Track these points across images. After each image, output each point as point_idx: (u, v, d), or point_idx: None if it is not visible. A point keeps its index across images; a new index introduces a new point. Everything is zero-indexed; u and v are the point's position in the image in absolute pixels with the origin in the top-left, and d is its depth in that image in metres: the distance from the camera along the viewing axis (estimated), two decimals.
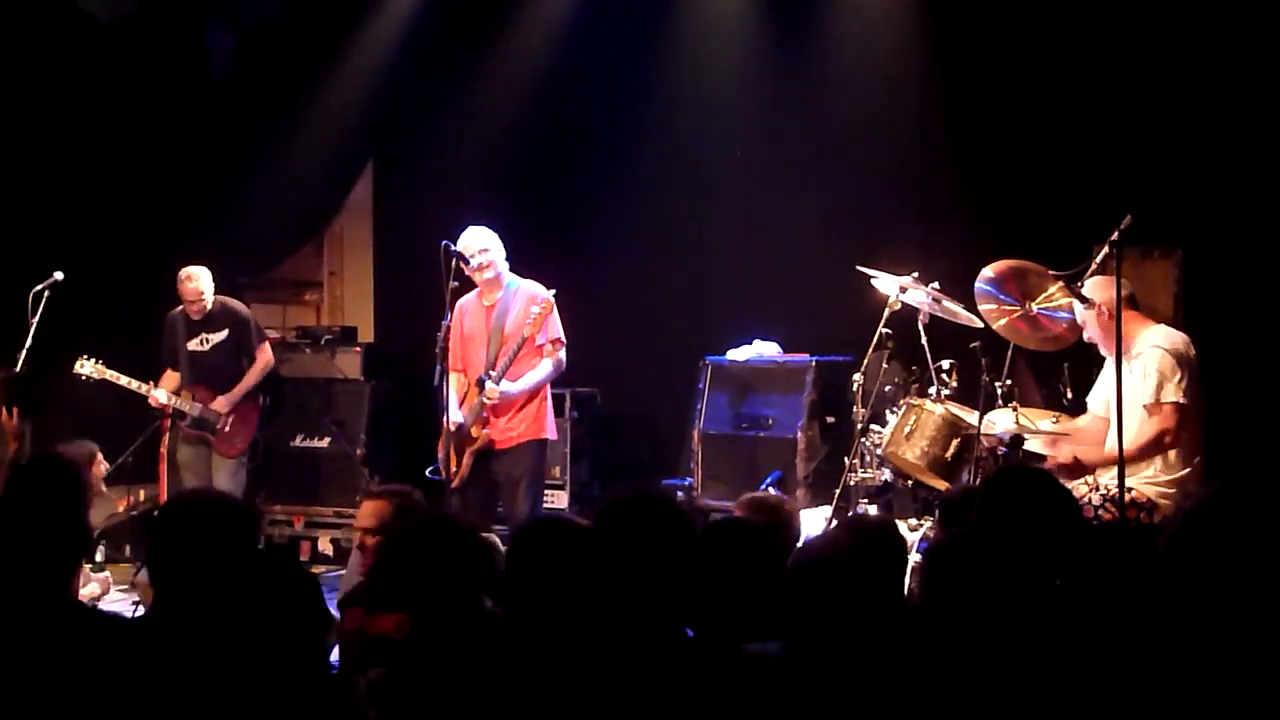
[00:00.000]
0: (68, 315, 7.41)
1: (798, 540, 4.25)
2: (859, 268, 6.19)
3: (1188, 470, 5.28)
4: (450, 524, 3.46)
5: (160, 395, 7.64)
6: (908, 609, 3.36)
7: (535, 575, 2.92)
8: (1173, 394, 5.25)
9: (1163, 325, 5.53)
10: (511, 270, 6.77)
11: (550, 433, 6.78)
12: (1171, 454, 5.30)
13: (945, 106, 7.81)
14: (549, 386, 6.72)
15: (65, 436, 6.55)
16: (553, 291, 6.51)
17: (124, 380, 7.55)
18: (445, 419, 6.39)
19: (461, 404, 6.55)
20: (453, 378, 6.46)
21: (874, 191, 8.09)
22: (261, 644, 2.58)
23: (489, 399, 6.47)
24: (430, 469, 6.58)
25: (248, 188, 9.28)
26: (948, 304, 6.04)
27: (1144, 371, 5.28)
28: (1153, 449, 5.27)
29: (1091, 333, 5.47)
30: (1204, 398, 5.39)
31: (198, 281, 7.73)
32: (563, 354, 6.64)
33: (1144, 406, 5.26)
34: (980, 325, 5.82)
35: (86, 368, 7.46)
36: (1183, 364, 5.29)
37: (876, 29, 7.99)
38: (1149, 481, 5.29)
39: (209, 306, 7.79)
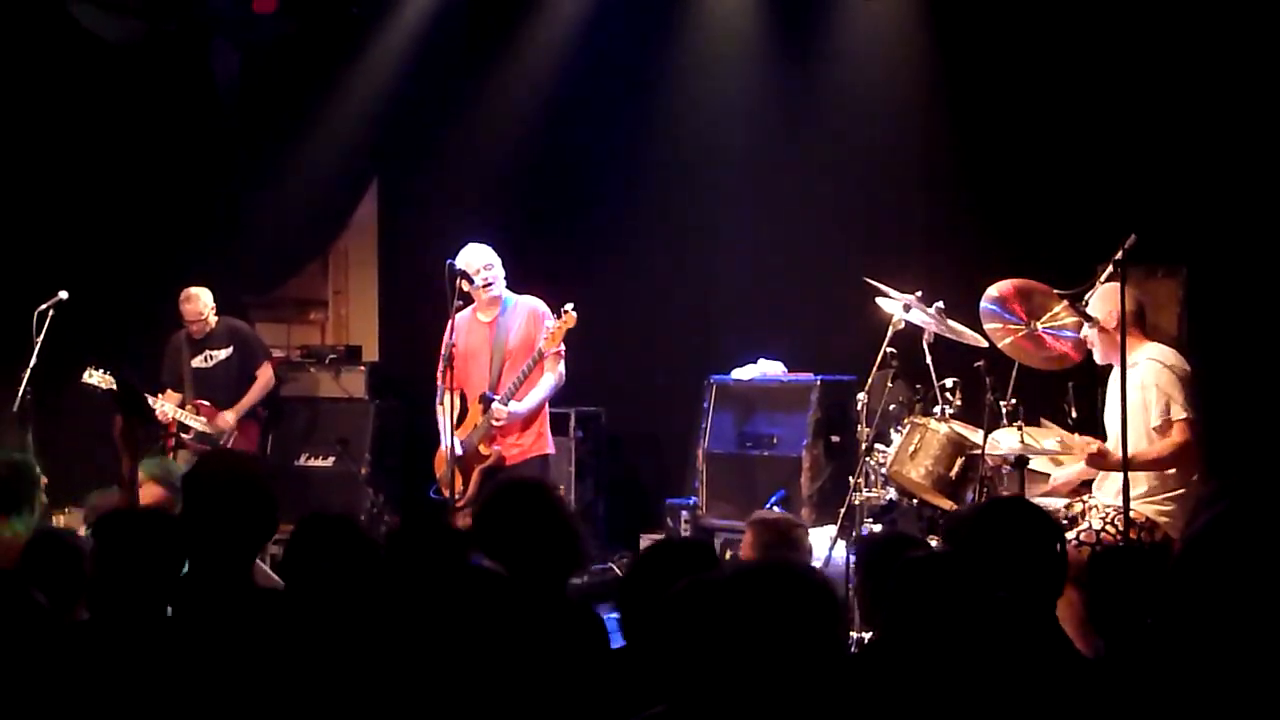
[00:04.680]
0: (73, 333, 7.41)
1: (809, 560, 4.20)
2: (866, 280, 6.17)
3: (1184, 489, 5.25)
4: None
5: (167, 408, 7.68)
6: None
7: None
8: (1181, 411, 5.24)
9: (1156, 343, 5.52)
10: (515, 289, 6.76)
11: (551, 448, 6.78)
12: (1169, 471, 5.28)
13: (949, 125, 7.81)
14: (547, 404, 6.70)
15: (70, 449, 6.53)
16: (571, 305, 6.40)
17: None
18: (443, 442, 6.38)
19: (459, 424, 6.51)
20: (448, 398, 6.44)
21: (878, 211, 8.09)
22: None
23: (498, 421, 6.44)
24: (433, 489, 6.57)
25: (253, 206, 9.31)
26: (952, 323, 6.03)
27: (1142, 385, 5.26)
28: (1171, 461, 5.24)
29: (1095, 347, 5.47)
30: (1201, 414, 5.37)
31: (196, 302, 7.85)
32: (563, 366, 6.62)
33: (1154, 428, 5.25)
34: (985, 344, 5.81)
35: (95, 377, 7.47)
36: (1184, 380, 5.29)
37: (881, 49, 7.99)
38: (1147, 500, 5.26)
39: (211, 325, 7.88)
